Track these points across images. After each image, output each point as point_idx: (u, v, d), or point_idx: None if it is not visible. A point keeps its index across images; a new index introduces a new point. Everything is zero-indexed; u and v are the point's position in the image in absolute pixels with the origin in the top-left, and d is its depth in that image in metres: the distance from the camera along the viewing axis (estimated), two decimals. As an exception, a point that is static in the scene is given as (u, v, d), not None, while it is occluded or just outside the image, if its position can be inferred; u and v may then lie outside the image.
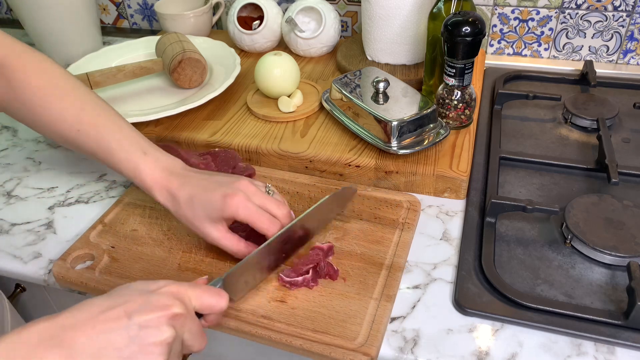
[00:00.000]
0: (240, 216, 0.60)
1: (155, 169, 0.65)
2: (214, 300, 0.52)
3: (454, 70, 0.76)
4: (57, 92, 0.66)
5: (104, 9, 1.31)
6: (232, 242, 0.63)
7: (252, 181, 0.64)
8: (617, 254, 0.62)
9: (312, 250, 0.64)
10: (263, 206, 0.62)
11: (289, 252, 0.65)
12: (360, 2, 1.02)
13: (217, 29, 1.23)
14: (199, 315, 0.51)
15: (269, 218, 0.61)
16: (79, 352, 0.42)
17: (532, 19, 1.03)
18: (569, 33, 1.03)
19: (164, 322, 0.46)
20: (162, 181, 0.64)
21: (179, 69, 0.91)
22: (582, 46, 1.04)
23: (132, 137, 0.67)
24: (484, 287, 0.62)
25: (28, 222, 0.76)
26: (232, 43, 1.07)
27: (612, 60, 1.04)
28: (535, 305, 0.58)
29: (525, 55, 1.08)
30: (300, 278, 0.61)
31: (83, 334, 0.43)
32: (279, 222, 0.62)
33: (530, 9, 1.02)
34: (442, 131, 0.77)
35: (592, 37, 1.02)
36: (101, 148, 0.66)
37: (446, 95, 0.79)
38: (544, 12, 1.01)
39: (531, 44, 1.06)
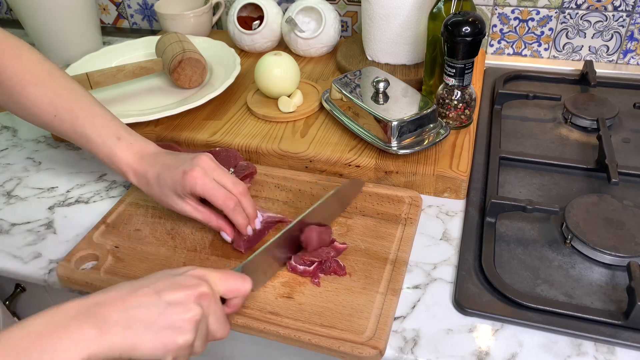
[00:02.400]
0: (197, 190, 0.63)
1: (128, 153, 0.67)
2: (238, 283, 0.53)
3: (454, 70, 0.76)
4: (32, 78, 0.67)
5: (104, 9, 1.31)
6: (203, 214, 0.66)
7: (212, 158, 0.66)
8: (617, 254, 0.62)
9: (326, 246, 0.65)
10: (220, 181, 0.64)
11: (299, 244, 0.66)
12: (360, 2, 1.02)
13: (217, 29, 1.23)
14: (223, 302, 0.53)
15: (225, 193, 0.64)
16: (111, 324, 0.44)
17: (532, 19, 1.03)
18: (569, 33, 1.03)
19: (192, 300, 0.48)
20: (135, 164, 0.67)
21: (179, 69, 0.91)
22: (582, 46, 1.04)
23: (107, 123, 0.68)
24: (484, 287, 0.62)
25: (28, 222, 0.76)
26: (232, 43, 1.07)
27: (612, 60, 1.04)
28: (535, 305, 0.58)
29: (525, 55, 1.08)
30: (310, 268, 0.63)
31: (115, 308, 0.46)
32: (235, 198, 0.64)
33: (530, 9, 1.02)
34: (442, 131, 0.77)
35: (592, 37, 1.02)
36: (77, 134, 0.68)
37: (446, 95, 0.79)
38: (544, 12, 1.01)
39: (531, 44, 1.06)
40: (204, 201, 0.66)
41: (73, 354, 0.42)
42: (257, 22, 1.05)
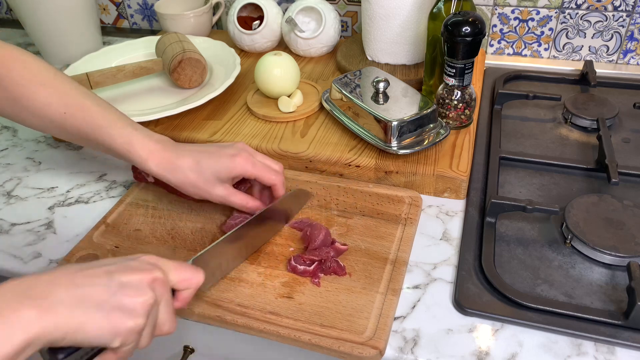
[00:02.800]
0: (249, 171, 0.65)
1: (149, 142, 0.66)
2: (190, 273, 0.52)
3: (454, 70, 0.76)
4: (40, 79, 0.67)
5: (104, 9, 1.31)
6: (241, 197, 0.67)
7: (245, 144, 0.69)
8: (617, 254, 0.62)
9: (326, 246, 0.65)
10: (263, 162, 0.68)
11: (257, 242, 0.67)
12: (360, 2, 1.02)
13: (217, 29, 1.23)
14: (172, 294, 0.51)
15: (273, 170, 0.67)
16: (56, 303, 0.42)
17: (532, 19, 1.03)
18: (569, 33, 1.03)
19: (145, 284, 0.46)
20: (158, 152, 0.65)
21: (179, 69, 0.91)
22: (582, 46, 1.04)
23: (120, 117, 0.68)
24: (484, 287, 0.62)
25: (28, 222, 0.76)
26: (232, 43, 1.07)
27: (612, 60, 1.04)
28: (535, 305, 0.58)
29: (525, 55, 1.08)
30: (310, 268, 0.63)
31: (61, 286, 0.43)
32: (281, 174, 0.68)
33: (530, 9, 1.02)
34: (442, 131, 0.77)
35: (592, 37, 1.02)
36: (90, 127, 0.66)
37: (446, 95, 0.79)
38: (544, 12, 1.01)
39: (531, 44, 1.06)
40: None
41: (11, 339, 0.39)
42: (257, 22, 1.05)
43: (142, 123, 0.85)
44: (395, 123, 0.74)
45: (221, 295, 0.62)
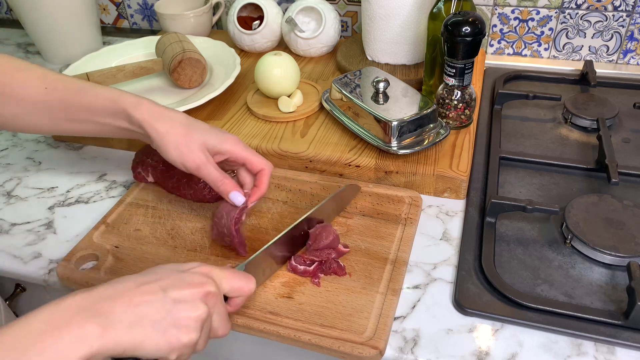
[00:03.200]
0: (239, 149, 0.64)
1: (136, 98, 0.64)
2: (243, 282, 0.53)
3: (454, 70, 0.76)
4: (15, 66, 0.66)
5: (104, 9, 1.31)
6: (218, 172, 0.63)
7: None
8: (617, 254, 0.62)
9: (328, 248, 0.65)
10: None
11: (298, 245, 0.67)
12: (360, 2, 1.02)
13: (217, 29, 1.23)
14: (225, 299, 0.53)
15: (261, 158, 0.66)
16: (116, 321, 0.43)
17: (532, 19, 1.03)
18: (569, 33, 1.03)
19: (198, 298, 0.47)
20: (149, 103, 0.64)
21: (179, 69, 0.91)
22: (582, 46, 1.04)
23: (103, 86, 0.67)
24: (484, 287, 0.62)
25: (28, 222, 0.76)
26: (232, 43, 1.07)
27: (612, 60, 1.04)
28: (535, 305, 0.58)
29: (525, 55, 1.08)
30: (311, 268, 0.63)
31: (120, 304, 0.45)
32: (270, 165, 0.66)
33: (530, 9, 1.02)
34: (442, 131, 0.77)
35: (592, 37, 1.02)
36: (72, 92, 0.65)
37: (446, 95, 0.79)
38: (544, 12, 1.01)
39: (531, 44, 1.06)
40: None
41: (75, 352, 0.41)
42: (257, 22, 1.05)
43: (142, 123, 0.86)
44: (395, 123, 0.74)
45: None
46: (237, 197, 0.64)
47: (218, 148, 0.64)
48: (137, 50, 1.06)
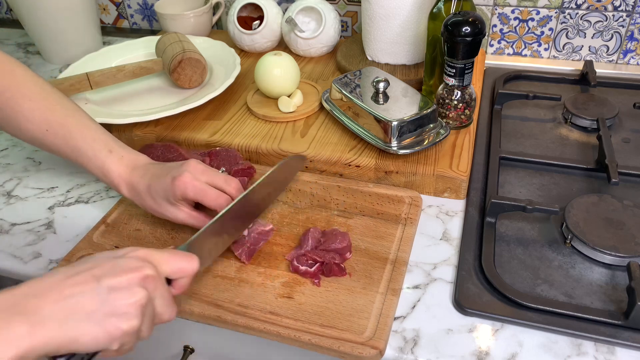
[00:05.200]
0: (189, 195, 0.63)
1: (120, 165, 0.66)
2: (184, 262, 0.51)
3: (454, 70, 0.76)
4: (26, 92, 0.67)
5: (104, 9, 1.31)
6: (197, 218, 0.66)
7: (201, 162, 0.66)
8: (617, 254, 0.62)
9: (335, 252, 0.64)
10: (211, 183, 0.64)
11: (245, 220, 0.66)
12: (360, 2, 1.02)
13: (217, 29, 1.23)
14: (168, 282, 0.51)
15: (217, 193, 0.64)
16: (46, 318, 0.41)
17: (532, 19, 1.03)
18: (569, 33, 1.03)
19: (135, 283, 0.45)
20: (126, 177, 0.66)
21: (179, 69, 0.91)
22: (582, 46, 1.04)
23: (98, 136, 0.68)
24: (484, 287, 0.62)
25: (28, 222, 0.76)
26: (232, 43, 1.07)
27: (612, 60, 1.04)
28: (535, 305, 0.58)
29: (525, 55, 1.08)
30: (312, 269, 0.63)
31: (49, 299, 0.42)
32: (227, 197, 0.64)
33: (530, 9, 1.02)
34: (442, 131, 0.77)
35: (592, 37, 1.02)
36: (69, 147, 0.67)
37: (446, 95, 0.79)
38: (544, 12, 1.01)
39: (531, 44, 1.06)
40: (199, 207, 0.66)
41: (2, 353, 0.39)
42: (257, 22, 1.05)
43: (142, 123, 0.86)
44: (395, 123, 0.74)
45: (221, 295, 0.62)
46: None
47: (177, 198, 0.64)
48: (137, 50, 1.06)
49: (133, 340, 0.46)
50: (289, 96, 0.88)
